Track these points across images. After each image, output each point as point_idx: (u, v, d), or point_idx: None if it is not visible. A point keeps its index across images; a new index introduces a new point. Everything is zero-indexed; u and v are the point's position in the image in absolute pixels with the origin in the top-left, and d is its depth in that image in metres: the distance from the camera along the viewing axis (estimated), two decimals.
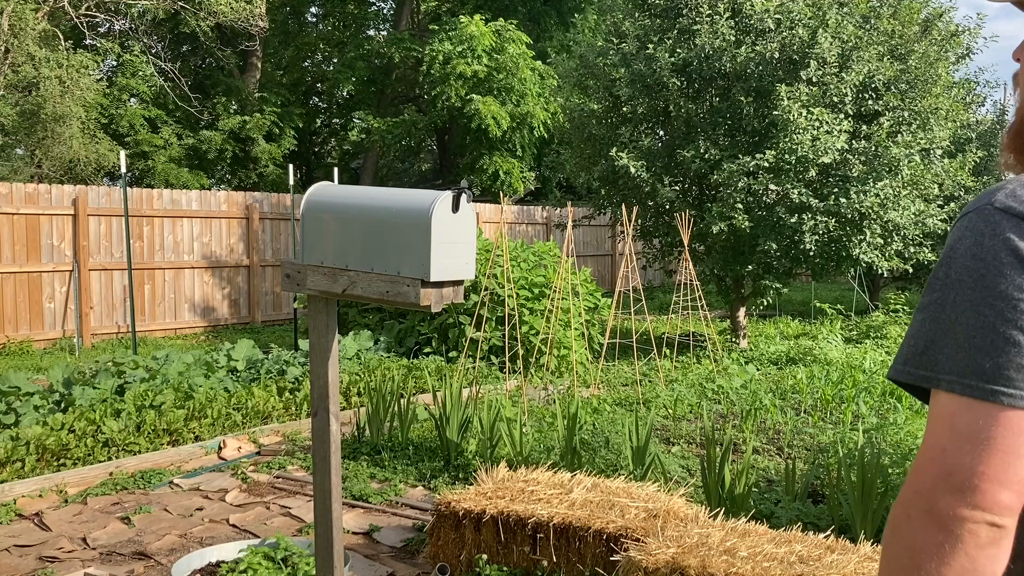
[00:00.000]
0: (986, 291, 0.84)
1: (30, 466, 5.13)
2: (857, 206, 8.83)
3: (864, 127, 9.22)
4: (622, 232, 9.07)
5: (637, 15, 10.17)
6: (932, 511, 0.84)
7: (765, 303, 10.67)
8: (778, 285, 10.00)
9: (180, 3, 14.98)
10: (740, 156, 9.05)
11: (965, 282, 0.86)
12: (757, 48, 9.02)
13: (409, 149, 22.78)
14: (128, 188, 11.00)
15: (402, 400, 6.09)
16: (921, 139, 9.25)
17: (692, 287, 8.61)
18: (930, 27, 9.83)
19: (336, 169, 12.60)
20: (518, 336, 7.61)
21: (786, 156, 8.70)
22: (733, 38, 9.16)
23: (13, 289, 10.43)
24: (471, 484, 4.21)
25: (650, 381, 8.11)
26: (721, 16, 9.20)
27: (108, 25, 15.97)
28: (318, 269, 2.42)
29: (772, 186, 8.87)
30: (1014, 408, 0.82)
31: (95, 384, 6.56)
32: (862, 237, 9.25)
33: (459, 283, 2.33)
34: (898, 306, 11.54)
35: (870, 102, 9.25)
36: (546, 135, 17.44)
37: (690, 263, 8.80)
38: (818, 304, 13.23)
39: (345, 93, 22.20)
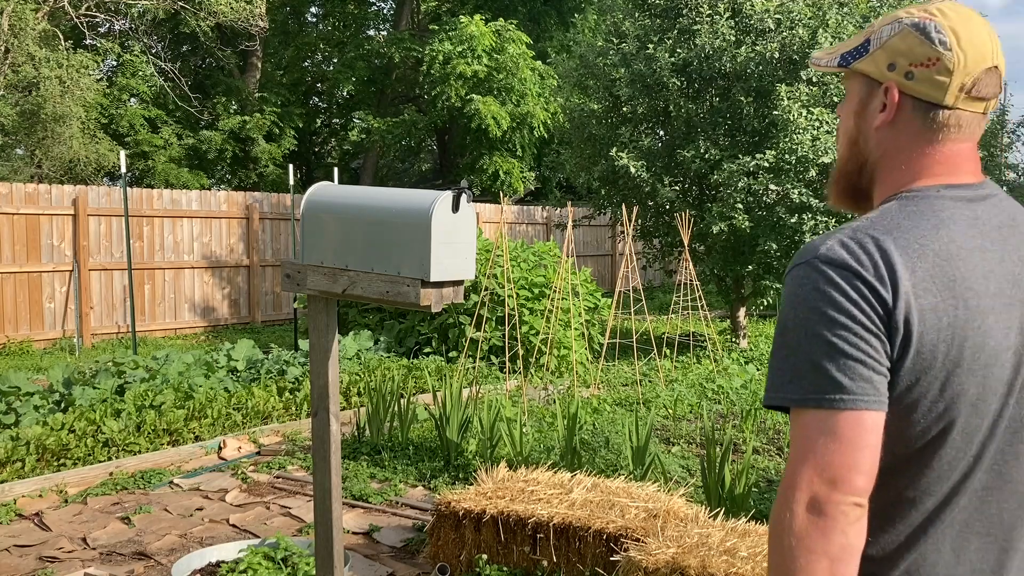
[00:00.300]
0: (830, 324, 1.09)
1: (30, 466, 5.13)
2: None
3: None
4: (622, 232, 9.07)
5: (637, 15, 10.17)
6: (813, 501, 1.06)
7: (765, 303, 10.67)
8: (778, 285, 9.98)
9: (180, 3, 14.98)
10: (740, 156, 9.05)
11: (812, 319, 1.10)
12: (757, 48, 9.02)
13: (409, 149, 22.78)
14: (128, 188, 11.00)
15: (402, 400, 6.09)
16: None
17: (692, 287, 8.61)
18: None
19: (336, 169, 12.60)
20: (518, 336, 7.61)
21: (786, 156, 8.70)
22: (733, 38, 9.16)
23: (13, 289, 10.43)
24: (471, 484, 4.21)
25: (650, 381, 8.11)
26: (721, 16, 9.19)
27: (108, 25, 15.98)
28: (318, 269, 2.42)
29: (772, 186, 8.87)
30: (866, 410, 1.08)
31: (95, 384, 6.56)
32: None
33: (459, 283, 2.33)
34: None
35: None
36: (546, 135, 17.44)
37: (690, 263, 8.80)
38: None
39: (345, 93, 22.20)
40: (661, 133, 10.40)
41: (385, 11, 24.57)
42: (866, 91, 1.27)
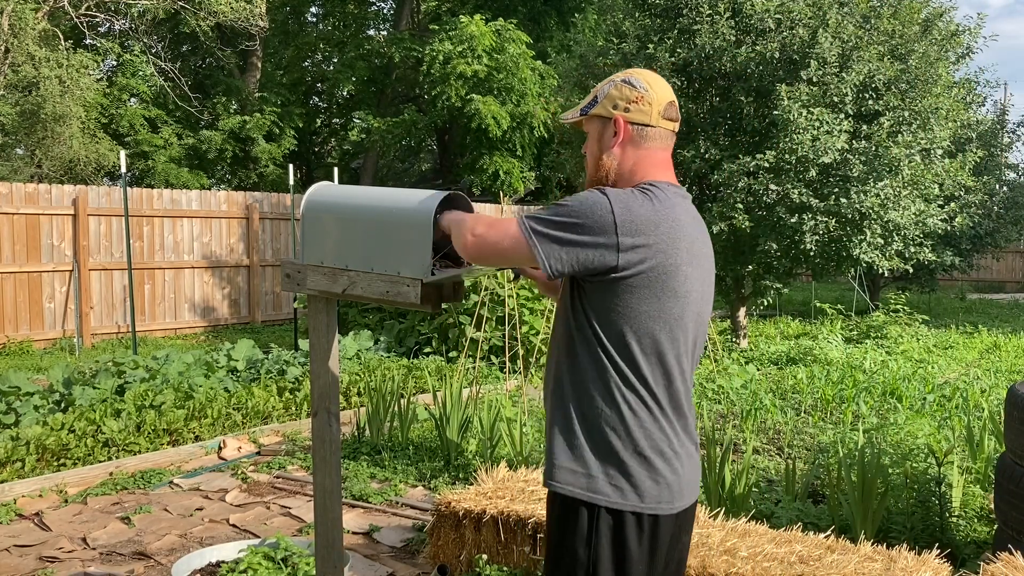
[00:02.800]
0: (589, 215, 1.81)
1: (30, 466, 5.12)
2: (857, 206, 8.82)
3: (864, 127, 9.21)
4: None
5: (637, 15, 10.16)
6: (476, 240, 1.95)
7: (765, 303, 10.67)
8: (778, 285, 9.99)
9: (180, 3, 14.97)
10: (740, 156, 9.04)
11: (583, 209, 1.81)
12: (757, 48, 9.01)
13: (409, 149, 22.77)
14: (128, 188, 11.00)
15: (402, 400, 6.09)
16: (921, 139, 9.24)
17: None
18: (930, 27, 9.82)
19: (336, 169, 12.60)
20: (518, 336, 7.61)
21: (786, 156, 8.69)
22: (733, 38, 9.15)
23: (13, 289, 10.43)
24: (471, 484, 4.21)
25: None
26: (721, 16, 9.19)
27: (108, 25, 15.98)
28: (318, 269, 2.42)
29: (772, 186, 8.86)
30: (527, 242, 1.84)
31: (95, 384, 6.56)
32: (862, 237, 9.24)
33: (459, 283, 2.33)
34: (898, 306, 11.53)
35: (870, 102, 9.24)
36: (546, 135, 17.42)
37: None
38: (818, 304, 13.21)
39: (345, 93, 22.19)
40: None
41: (385, 11, 24.57)
42: (602, 126, 1.99)
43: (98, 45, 16.46)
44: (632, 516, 1.85)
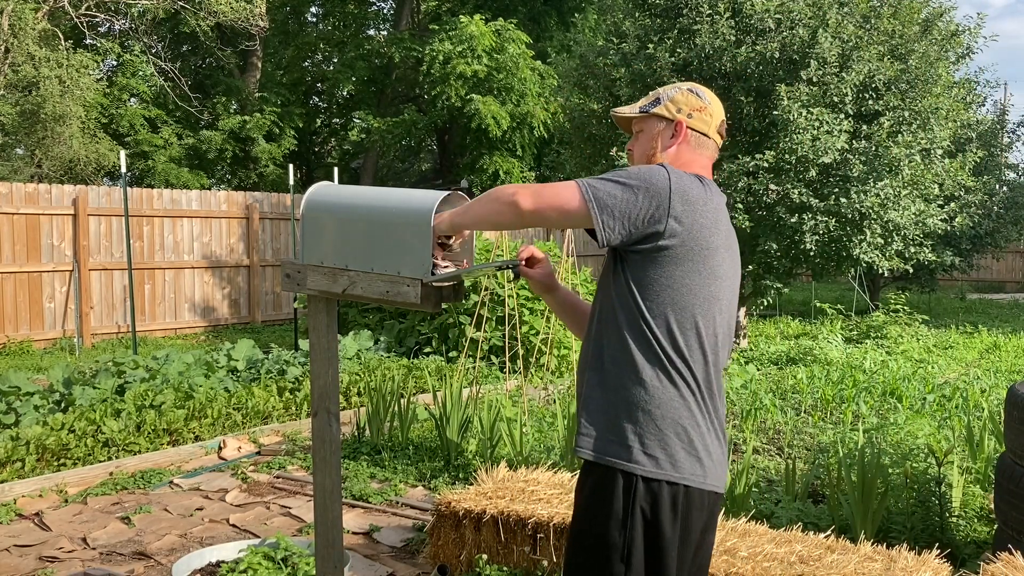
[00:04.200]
0: (646, 180, 1.93)
1: (30, 466, 5.12)
2: (857, 206, 8.82)
3: (864, 127, 9.21)
4: None
5: (637, 15, 10.16)
6: (526, 198, 1.97)
7: (765, 303, 10.67)
8: (778, 285, 9.98)
9: (180, 3, 14.98)
10: (740, 156, 9.04)
11: (641, 174, 1.93)
12: (757, 48, 9.01)
13: (409, 149, 22.76)
14: (128, 188, 11.00)
15: (402, 400, 6.09)
16: (921, 139, 9.24)
17: None
18: (930, 27, 9.82)
19: (336, 169, 12.61)
20: (518, 336, 7.60)
21: (786, 156, 8.69)
22: (733, 38, 9.15)
23: (13, 289, 10.43)
24: (471, 484, 4.21)
25: None
26: (721, 16, 9.19)
27: (108, 25, 15.98)
28: (318, 269, 2.41)
29: (772, 186, 8.86)
30: (582, 196, 1.93)
31: (95, 384, 6.56)
32: (862, 237, 9.23)
33: (459, 283, 2.33)
34: (898, 306, 11.53)
35: (870, 102, 9.24)
36: (546, 135, 17.42)
37: None
38: (818, 304, 13.21)
39: (345, 93, 22.19)
40: None
41: (385, 11, 24.57)
42: (661, 126, 2.11)
43: (98, 45, 16.47)
44: (667, 488, 1.90)
